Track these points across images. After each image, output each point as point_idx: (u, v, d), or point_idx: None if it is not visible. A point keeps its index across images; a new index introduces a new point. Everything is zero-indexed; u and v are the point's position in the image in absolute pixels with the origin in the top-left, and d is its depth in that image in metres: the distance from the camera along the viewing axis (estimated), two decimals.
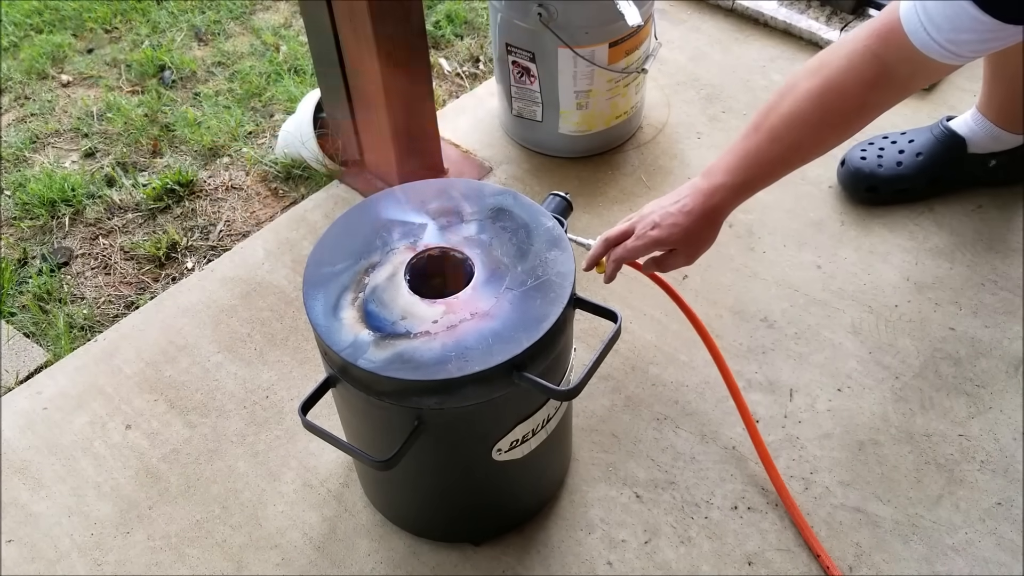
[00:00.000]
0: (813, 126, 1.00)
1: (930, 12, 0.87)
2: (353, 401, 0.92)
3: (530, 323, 0.85)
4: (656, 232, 1.05)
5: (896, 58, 0.93)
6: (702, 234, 1.06)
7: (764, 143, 1.02)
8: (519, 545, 1.08)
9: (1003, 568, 1.04)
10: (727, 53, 1.75)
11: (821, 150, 1.05)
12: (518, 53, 1.43)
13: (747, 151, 1.03)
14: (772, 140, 1.01)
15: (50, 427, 1.23)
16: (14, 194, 1.62)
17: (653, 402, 1.21)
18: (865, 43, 0.96)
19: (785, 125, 1.00)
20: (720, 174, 1.04)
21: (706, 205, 1.04)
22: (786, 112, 1.00)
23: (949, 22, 0.86)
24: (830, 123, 1.00)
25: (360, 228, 0.95)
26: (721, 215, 1.06)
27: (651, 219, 1.06)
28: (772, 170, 1.04)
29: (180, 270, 1.49)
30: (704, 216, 1.04)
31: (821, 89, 0.98)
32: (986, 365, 1.22)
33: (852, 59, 0.97)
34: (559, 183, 1.51)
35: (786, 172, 1.05)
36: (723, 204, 1.04)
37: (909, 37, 0.90)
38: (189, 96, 1.83)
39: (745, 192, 1.05)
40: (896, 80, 0.96)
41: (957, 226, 1.40)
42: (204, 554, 1.09)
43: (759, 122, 1.02)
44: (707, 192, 1.04)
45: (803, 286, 1.34)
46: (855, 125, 1.02)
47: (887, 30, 0.93)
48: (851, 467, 1.13)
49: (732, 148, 1.04)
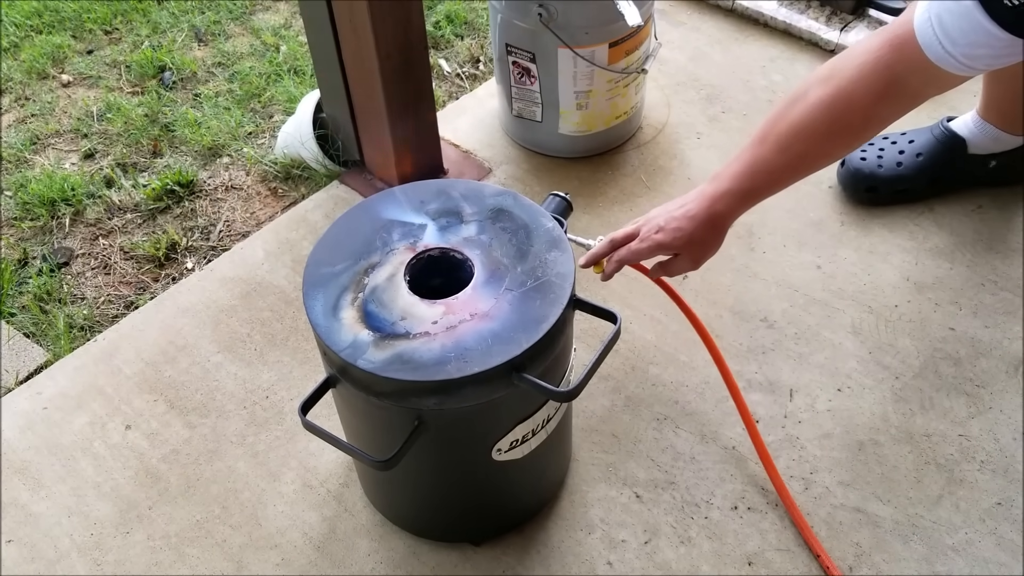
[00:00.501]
0: (821, 136, 1.00)
1: (945, 26, 0.85)
2: (353, 401, 0.92)
3: (530, 324, 0.85)
4: (660, 236, 1.05)
5: (909, 69, 0.92)
6: (706, 239, 1.06)
7: (771, 152, 1.01)
8: (519, 545, 1.08)
9: (1003, 568, 1.04)
10: (727, 53, 1.75)
11: (828, 160, 1.05)
12: (518, 53, 1.43)
13: (754, 160, 1.03)
14: (780, 150, 1.01)
15: (50, 427, 1.23)
16: (15, 195, 1.62)
17: (653, 402, 1.21)
18: (877, 54, 0.94)
19: (793, 134, 1.00)
20: (726, 181, 1.04)
21: (711, 211, 1.04)
22: (795, 121, 0.99)
23: (965, 36, 0.84)
24: (838, 134, 1.00)
25: (360, 228, 0.95)
26: (726, 221, 1.06)
27: (656, 223, 1.06)
28: (779, 179, 1.04)
29: (180, 270, 1.49)
30: (709, 221, 1.04)
31: (831, 99, 0.97)
32: (986, 365, 1.22)
33: (864, 70, 0.95)
34: (559, 183, 1.51)
35: (793, 181, 1.05)
36: (728, 211, 1.05)
37: (923, 50, 0.88)
38: (189, 97, 1.84)
39: (751, 200, 1.05)
40: (908, 91, 0.95)
41: (957, 226, 1.40)
42: (204, 554, 1.09)
43: (767, 130, 1.02)
44: (712, 198, 1.04)
45: (803, 286, 1.34)
46: (863, 136, 1.02)
47: (900, 41, 0.91)
48: (851, 467, 1.13)
49: (740, 155, 1.04)
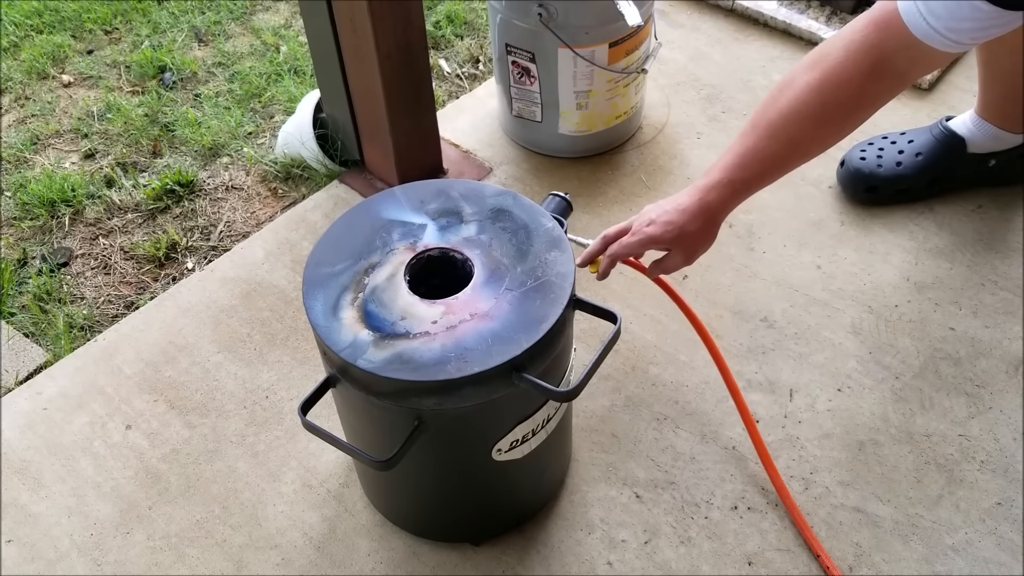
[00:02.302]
0: (812, 121, 0.99)
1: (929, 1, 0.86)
2: (353, 401, 0.92)
3: (530, 324, 0.85)
4: (651, 229, 1.04)
5: (895, 46, 0.92)
6: (698, 233, 1.04)
7: (762, 140, 1.00)
8: (519, 545, 1.08)
9: (1003, 568, 1.04)
10: (727, 53, 1.75)
11: (820, 147, 1.03)
12: (518, 53, 1.43)
13: (745, 149, 1.01)
14: (770, 137, 1.00)
15: (50, 427, 1.23)
16: (14, 195, 1.62)
17: (653, 402, 1.21)
18: (863, 34, 0.94)
19: (784, 121, 0.99)
20: (717, 172, 1.02)
21: (702, 203, 1.02)
22: (784, 107, 0.99)
23: (948, 11, 0.85)
24: (829, 117, 0.99)
25: (360, 228, 0.95)
26: (719, 214, 1.04)
27: (647, 217, 1.05)
28: (771, 168, 1.03)
29: (180, 270, 1.49)
30: (700, 214, 1.03)
31: (820, 82, 0.97)
32: (986, 365, 1.22)
33: (850, 50, 0.95)
34: (559, 183, 1.51)
35: (786, 171, 1.04)
36: (720, 203, 1.03)
37: (908, 26, 0.89)
38: (189, 97, 1.83)
39: (743, 191, 1.03)
40: (895, 69, 0.95)
41: (957, 226, 1.40)
42: (204, 554, 1.09)
43: (757, 119, 1.01)
44: (703, 190, 1.02)
45: (803, 286, 1.34)
46: (854, 119, 1.01)
47: (885, 21, 0.92)
48: (851, 467, 1.13)
49: (731, 146, 1.03)
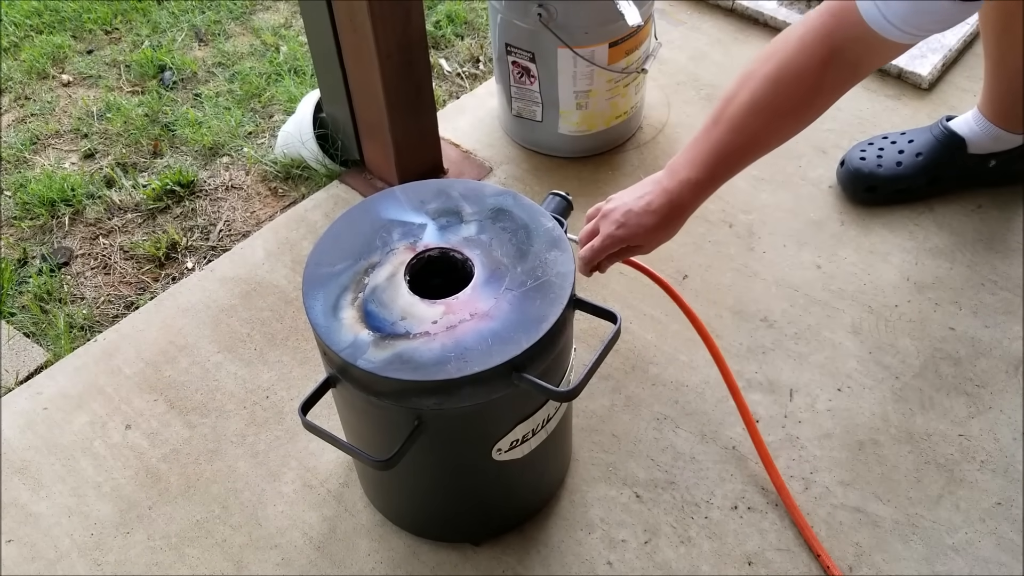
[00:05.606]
0: (771, 112, 0.98)
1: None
2: (353, 401, 0.92)
3: (530, 324, 0.85)
4: (622, 232, 1.04)
5: (849, 37, 0.92)
6: (667, 229, 1.05)
7: (725, 135, 1.00)
8: (519, 545, 1.08)
9: (1003, 568, 1.04)
10: (727, 53, 1.75)
11: (781, 137, 1.03)
12: (518, 53, 1.43)
13: (709, 144, 1.01)
14: (732, 131, 0.99)
15: (50, 427, 1.23)
16: (14, 194, 1.62)
17: (653, 402, 1.21)
18: (817, 22, 0.94)
19: (744, 114, 0.98)
20: (684, 170, 1.02)
21: (672, 203, 1.02)
22: (744, 101, 0.98)
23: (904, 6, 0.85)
24: (787, 108, 0.99)
25: (360, 228, 0.95)
26: (687, 211, 1.04)
27: (615, 218, 1.04)
28: (736, 161, 1.03)
29: (180, 270, 1.49)
30: (670, 214, 1.03)
31: (776, 73, 0.96)
32: (986, 365, 1.22)
33: (804, 40, 0.95)
34: (559, 183, 1.51)
35: (750, 161, 1.04)
36: (689, 201, 1.03)
37: (864, 19, 0.88)
38: (189, 97, 1.83)
39: (711, 186, 1.03)
40: (849, 59, 0.94)
41: (957, 226, 1.40)
42: (204, 554, 1.09)
43: (719, 113, 1.00)
44: (672, 191, 1.02)
45: (803, 286, 1.34)
46: (813, 109, 1.00)
47: (840, 10, 0.91)
48: (851, 467, 1.13)
49: (695, 141, 1.02)
